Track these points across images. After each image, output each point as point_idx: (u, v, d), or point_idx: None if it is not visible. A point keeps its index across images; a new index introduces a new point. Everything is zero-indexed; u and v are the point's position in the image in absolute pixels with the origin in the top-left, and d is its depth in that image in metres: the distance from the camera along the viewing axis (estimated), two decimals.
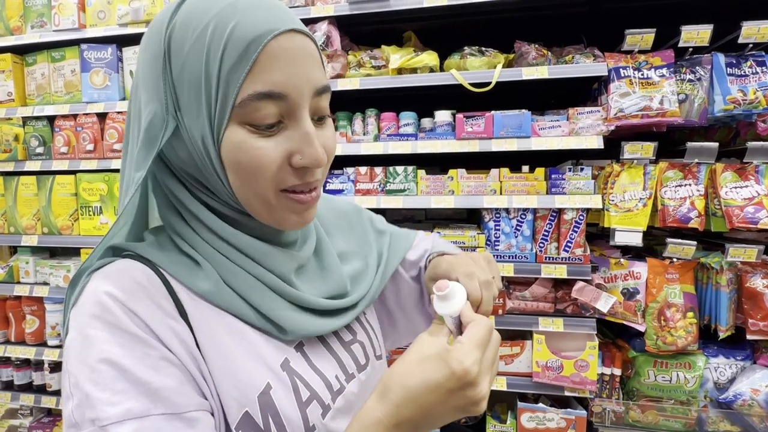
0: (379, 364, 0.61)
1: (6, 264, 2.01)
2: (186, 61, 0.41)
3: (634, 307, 1.49)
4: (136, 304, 0.41)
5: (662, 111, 1.41)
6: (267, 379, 0.45)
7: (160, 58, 0.42)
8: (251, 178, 0.43)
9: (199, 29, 0.40)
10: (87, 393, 0.37)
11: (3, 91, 1.90)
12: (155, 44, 0.43)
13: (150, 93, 0.43)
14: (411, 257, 0.73)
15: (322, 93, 0.45)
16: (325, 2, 1.63)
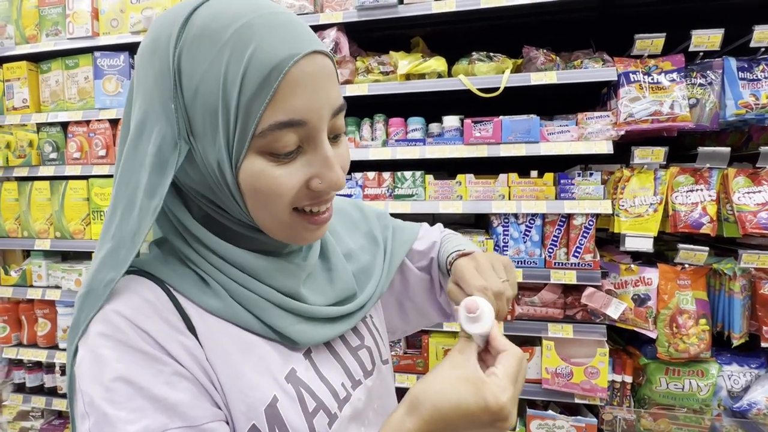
0: (385, 369, 0.61)
1: (19, 267, 2.05)
2: (200, 86, 0.39)
3: (645, 314, 1.47)
4: (145, 322, 0.41)
5: (673, 116, 1.40)
6: (273, 392, 0.45)
7: (168, 78, 0.40)
8: (269, 203, 0.43)
9: (214, 52, 0.38)
10: (104, 412, 0.38)
11: (18, 97, 1.93)
12: (162, 60, 0.40)
13: (157, 113, 0.41)
14: (418, 247, 0.73)
15: (340, 112, 0.45)
16: (333, 9, 1.64)
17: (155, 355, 0.40)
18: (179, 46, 0.39)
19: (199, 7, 0.40)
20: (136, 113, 0.43)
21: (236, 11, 0.39)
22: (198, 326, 0.44)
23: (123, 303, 0.41)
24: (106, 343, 0.39)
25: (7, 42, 1.95)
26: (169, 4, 1.70)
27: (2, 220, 1.99)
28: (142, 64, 0.42)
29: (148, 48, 0.42)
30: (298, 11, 1.63)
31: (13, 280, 2.01)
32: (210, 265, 0.46)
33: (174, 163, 0.40)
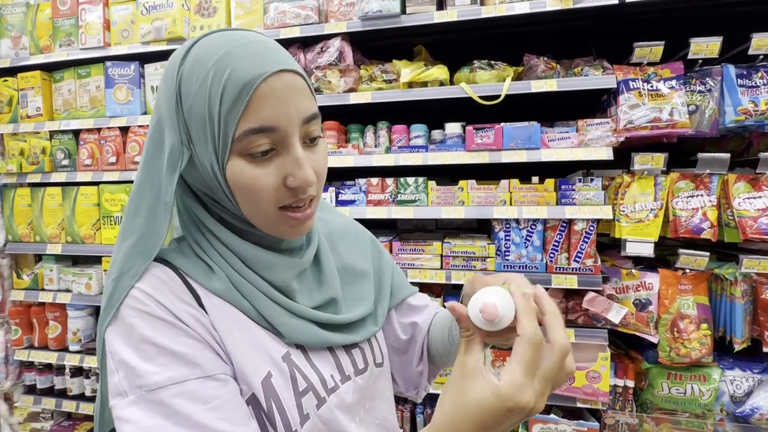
0: (378, 371, 0.64)
1: (31, 271, 2.10)
2: (193, 102, 0.48)
3: (646, 318, 1.48)
4: (162, 297, 0.49)
5: (672, 122, 1.42)
6: (268, 368, 0.52)
7: (173, 97, 0.49)
8: (253, 199, 0.50)
9: (202, 75, 0.47)
10: (133, 366, 0.45)
11: (32, 106, 1.99)
12: (170, 82, 0.50)
13: (169, 125, 0.51)
14: (413, 301, 0.75)
15: (312, 120, 0.51)
16: (338, 19, 1.68)
17: (172, 322, 0.48)
18: (180, 72, 0.49)
19: (197, 43, 0.50)
20: (155, 127, 0.52)
21: (220, 44, 0.48)
22: (205, 302, 0.52)
23: (145, 283, 0.50)
24: (132, 314, 0.48)
25: (22, 52, 2.01)
26: (178, 15, 1.75)
27: (16, 225, 2.05)
28: (160, 87, 0.53)
29: (164, 74, 0.52)
30: (303, 21, 1.67)
31: (25, 284, 2.06)
32: (217, 254, 0.55)
33: (179, 166, 0.50)
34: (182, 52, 0.50)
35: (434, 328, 0.72)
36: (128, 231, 0.52)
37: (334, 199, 1.70)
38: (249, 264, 0.55)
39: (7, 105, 2.03)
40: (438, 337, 0.70)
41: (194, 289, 0.53)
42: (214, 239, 0.55)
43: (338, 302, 0.62)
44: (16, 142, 2.03)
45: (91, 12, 1.88)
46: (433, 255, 1.61)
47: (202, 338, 0.49)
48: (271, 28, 1.70)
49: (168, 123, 0.50)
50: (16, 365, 2.11)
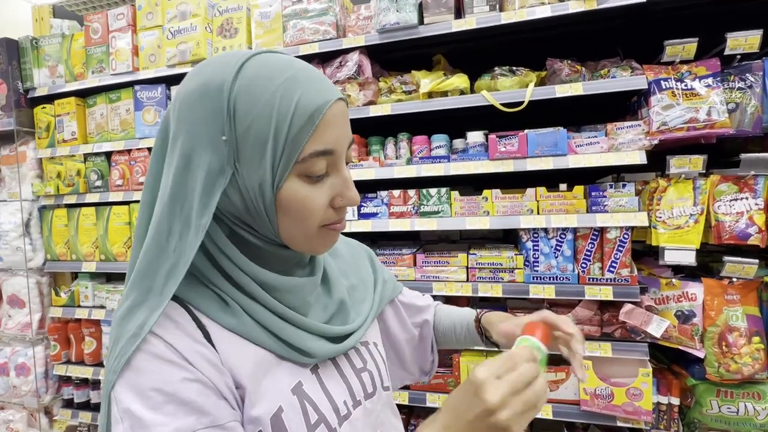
0: (386, 395, 0.65)
1: (68, 289, 2.18)
2: (253, 122, 0.47)
3: (690, 331, 1.39)
4: (172, 337, 0.47)
5: (710, 122, 1.34)
6: (279, 403, 0.50)
7: (221, 116, 0.47)
8: (301, 218, 0.51)
9: (267, 96, 0.47)
10: (140, 416, 0.43)
11: (68, 130, 2.09)
12: (215, 102, 0.47)
13: (204, 145, 0.47)
14: (417, 302, 0.85)
15: (352, 144, 0.55)
16: (356, 33, 1.69)
17: (182, 365, 0.46)
18: (233, 91, 0.47)
19: (248, 61, 0.49)
20: (182, 146, 0.48)
21: (280, 65, 0.49)
22: (215, 338, 0.50)
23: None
24: (141, 356, 0.45)
25: (58, 80, 2.12)
26: (201, 38, 1.80)
27: (54, 244, 2.14)
28: (187, 106, 0.49)
29: (197, 92, 0.48)
30: (322, 37, 1.69)
31: (63, 301, 2.14)
32: (231, 285, 0.52)
33: (221, 185, 0.48)
34: (233, 68, 0.47)
35: (439, 322, 0.86)
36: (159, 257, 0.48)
37: (356, 212, 1.69)
38: (268, 289, 0.53)
39: (45, 130, 2.13)
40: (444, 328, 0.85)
41: (203, 324, 0.50)
42: (231, 265, 0.51)
43: (347, 307, 0.63)
44: (53, 166, 2.13)
45: (120, 39, 1.97)
46: (459, 267, 1.57)
47: (211, 383, 0.47)
48: (291, 45, 1.73)
49: (204, 143, 0.47)
50: (55, 380, 2.19)
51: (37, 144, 2.16)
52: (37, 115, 2.14)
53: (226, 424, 0.46)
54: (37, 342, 2.16)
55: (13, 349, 2.17)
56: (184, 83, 0.50)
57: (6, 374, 2.17)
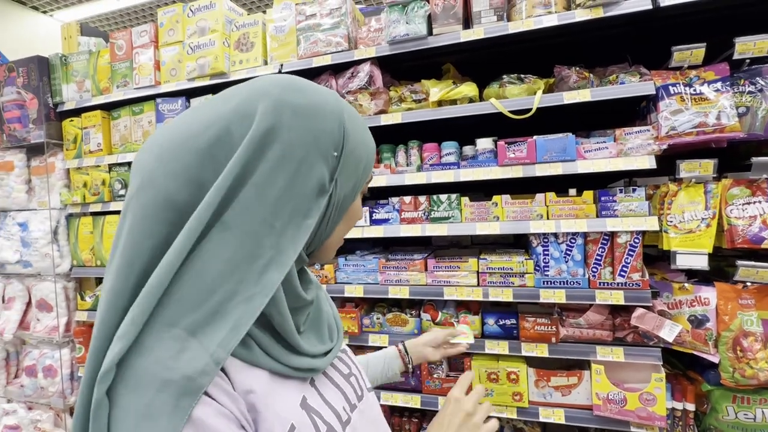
0: (370, 395, 0.68)
1: (93, 293, 2.27)
2: (355, 147, 0.57)
3: (704, 336, 1.38)
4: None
5: (720, 126, 1.34)
6: (291, 421, 0.49)
7: (336, 134, 0.54)
8: (351, 225, 0.63)
9: (361, 128, 0.59)
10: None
11: (94, 142, 2.19)
12: (331, 122, 0.54)
13: (316, 156, 0.52)
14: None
15: None
16: (367, 45, 1.74)
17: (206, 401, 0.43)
18: (345, 116, 0.56)
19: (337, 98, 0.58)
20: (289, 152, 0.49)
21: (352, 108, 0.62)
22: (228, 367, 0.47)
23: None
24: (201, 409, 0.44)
25: (85, 95, 2.23)
26: (219, 52, 1.88)
27: (80, 250, 2.24)
28: (301, 118, 0.51)
29: (311, 108, 0.52)
30: (335, 49, 1.75)
31: (88, 305, 2.23)
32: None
33: (328, 192, 0.54)
34: (335, 99, 0.56)
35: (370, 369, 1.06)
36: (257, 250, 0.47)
37: (368, 218, 1.73)
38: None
39: (73, 142, 2.24)
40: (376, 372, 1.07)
41: None
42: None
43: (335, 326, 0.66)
44: (80, 175, 2.24)
45: (143, 54, 2.06)
46: (469, 272, 1.60)
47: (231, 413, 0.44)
48: (304, 57, 1.79)
49: (318, 152, 0.52)
50: (79, 381, 2.28)
51: (65, 155, 2.27)
52: (65, 127, 2.25)
53: None
54: (64, 345, 2.25)
55: (41, 351, 2.27)
56: (285, 95, 0.50)
57: (34, 375, 2.26)
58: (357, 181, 0.59)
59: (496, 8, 1.54)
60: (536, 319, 1.52)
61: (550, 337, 1.50)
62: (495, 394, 1.56)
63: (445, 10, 1.59)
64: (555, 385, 1.53)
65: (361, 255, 1.82)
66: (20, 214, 2.29)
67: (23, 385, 2.29)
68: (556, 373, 1.53)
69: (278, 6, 1.88)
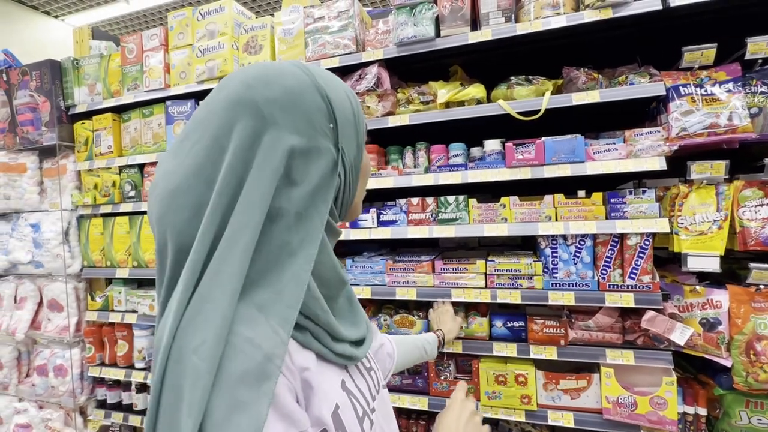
0: (384, 392, 0.73)
1: (103, 294, 2.30)
2: (344, 110, 0.58)
3: (716, 340, 1.36)
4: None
5: (732, 127, 1.33)
6: (336, 400, 0.54)
7: (324, 109, 0.55)
8: (367, 178, 0.66)
9: (340, 89, 0.59)
10: None
11: (104, 144, 2.22)
12: (315, 99, 0.54)
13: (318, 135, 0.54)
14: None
15: None
16: (374, 47, 1.75)
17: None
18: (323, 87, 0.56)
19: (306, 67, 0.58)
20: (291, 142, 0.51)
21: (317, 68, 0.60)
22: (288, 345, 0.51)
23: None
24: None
25: (96, 98, 2.26)
26: (228, 55, 1.90)
27: (90, 251, 2.26)
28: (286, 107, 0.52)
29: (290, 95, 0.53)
30: (343, 51, 1.76)
31: (98, 305, 2.25)
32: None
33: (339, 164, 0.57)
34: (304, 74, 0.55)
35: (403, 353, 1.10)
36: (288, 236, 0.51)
37: (376, 219, 1.73)
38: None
39: (84, 144, 2.27)
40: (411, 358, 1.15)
41: None
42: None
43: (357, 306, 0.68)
44: (91, 177, 2.27)
45: (153, 57, 2.09)
46: (477, 274, 1.59)
47: (292, 386, 0.49)
48: (312, 59, 1.80)
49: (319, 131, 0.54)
50: (89, 381, 2.30)
51: (77, 157, 2.30)
52: (76, 130, 2.29)
53: (307, 430, 0.48)
54: (74, 344, 2.27)
55: (52, 351, 2.30)
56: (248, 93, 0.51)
57: (45, 375, 2.29)
58: (358, 138, 0.61)
59: (504, 10, 1.54)
60: (545, 321, 1.51)
61: (558, 340, 1.49)
62: (503, 397, 1.55)
63: (453, 11, 1.59)
64: (564, 388, 1.52)
65: (368, 256, 1.83)
66: (32, 215, 2.32)
67: (34, 384, 2.32)
68: (565, 376, 1.52)
69: (286, 9, 1.89)
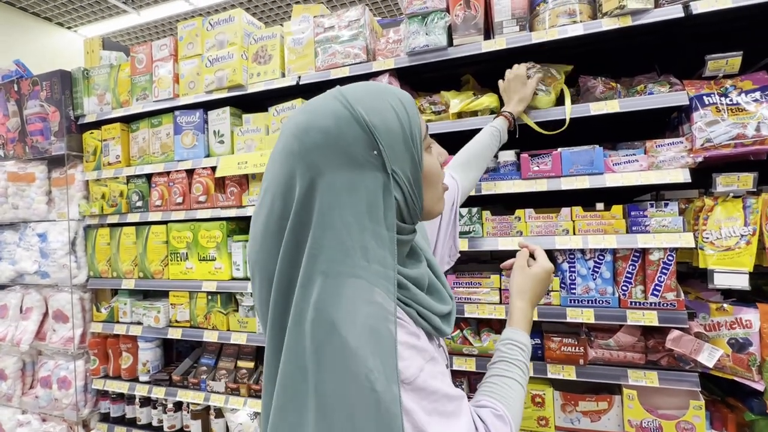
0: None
1: (108, 305, 2.27)
2: (389, 129, 0.58)
3: (746, 362, 1.29)
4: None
5: (760, 138, 1.27)
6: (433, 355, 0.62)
7: (365, 137, 0.57)
8: (437, 181, 0.67)
9: (383, 106, 0.59)
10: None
11: (113, 154, 2.21)
12: (353, 131, 0.56)
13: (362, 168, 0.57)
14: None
15: None
16: (385, 56, 1.72)
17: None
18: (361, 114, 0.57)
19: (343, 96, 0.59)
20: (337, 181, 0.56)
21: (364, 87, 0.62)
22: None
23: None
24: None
25: (105, 107, 2.25)
26: (237, 65, 1.89)
27: (96, 262, 2.24)
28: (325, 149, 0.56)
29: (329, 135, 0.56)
30: (353, 61, 1.73)
31: (103, 317, 2.22)
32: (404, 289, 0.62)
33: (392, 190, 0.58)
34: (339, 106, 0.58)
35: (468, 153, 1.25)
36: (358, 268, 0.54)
37: None
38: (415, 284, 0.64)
39: (92, 154, 2.27)
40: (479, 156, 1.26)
41: None
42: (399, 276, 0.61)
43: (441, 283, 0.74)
44: (98, 187, 2.26)
45: (162, 67, 2.08)
46: (491, 288, 1.54)
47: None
48: (322, 69, 1.78)
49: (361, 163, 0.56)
50: (93, 394, 2.26)
51: (85, 167, 2.29)
52: (85, 140, 2.28)
53: (434, 355, 0.60)
54: (78, 356, 2.24)
55: (56, 362, 2.27)
56: (296, 143, 0.57)
57: (49, 387, 2.26)
58: (412, 152, 0.60)
59: (518, 18, 1.50)
60: (562, 339, 1.45)
61: (577, 359, 1.43)
62: None
63: (466, 20, 1.56)
64: (583, 410, 1.45)
65: None
66: (40, 225, 2.31)
67: (38, 396, 2.29)
68: (584, 397, 1.45)
69: (296, 19, 1.88)
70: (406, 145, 0.60)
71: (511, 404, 0.67)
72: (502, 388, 0.69)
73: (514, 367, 0.73)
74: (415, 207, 0.63)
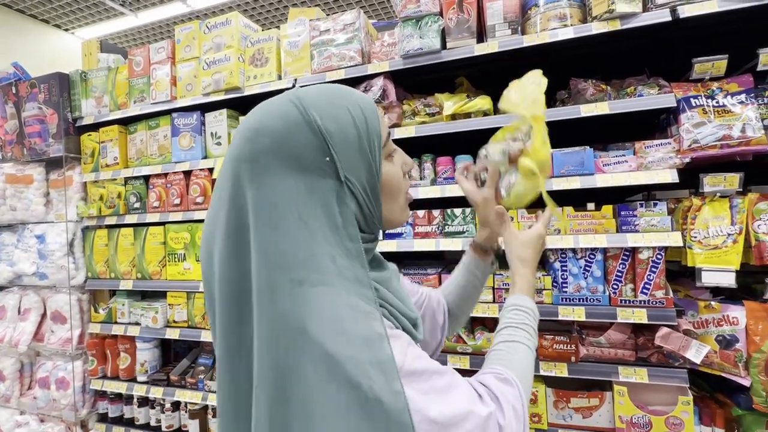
0: None
1: (106, 306, 2.28)
2: (344, 135, 0.55)
3: (733, 358, 1.32)
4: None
5: (745, 139, 1.30)
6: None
7: (317, 143, 0.54)
8: (397, 192, 0.64)
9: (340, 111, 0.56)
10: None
11: (110, 156, 2.23)
12: (304, 135, 0.54)
13: (314, 174, 0.54)
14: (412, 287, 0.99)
15: None
16: (380, 59, 1.75)
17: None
18: (315, 119, 0.54)
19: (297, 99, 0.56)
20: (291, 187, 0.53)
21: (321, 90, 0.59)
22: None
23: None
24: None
25: (103, 110, 2.27)
26: (234, 68, 1.91)
27: (95, 263, 2.26)
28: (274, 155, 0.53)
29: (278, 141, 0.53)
30: (348, 63, 1.76)
31: (101, 317, 2.24)
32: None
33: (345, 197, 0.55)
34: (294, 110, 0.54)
35: (450, 284, 1.04)
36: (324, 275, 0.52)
37: (381, 232, 1.71)
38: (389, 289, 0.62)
39: (90, 156, 2.28)
40: (458, 284, 1.04)
41: None
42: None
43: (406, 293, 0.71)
44: (96, 189, 2.27)
45: (160, 70, 2.10)
46: (484, 288, 1.56)
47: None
48: (318, 72, 1.80)
49: (314, 169, 0.53)
50: (91, 394, 2.28)
51: (83, 169, 2.31)
52: (83, 142, 2.30)
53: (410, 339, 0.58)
54: (77, 357, 2.25)
55: (54, 363, 2.28)
56: (247, 146, 0.54)
57: (47, 387, 2.27)
58: (368, 159, 0.57)
59: (510, 22, 1.53)
60: (554, 337, 1.47)
61: (569, 356, 1.45)
62: None
63: (459, 24, 1.59)
64: (575, 407, 1.48)
65: None
66: (38, 226, 2.32)
67: (36, 397, 2.30)
68: (576, 394, 1.48)
69: (292, 22, 1.90)
70: (362, 153, 0.57)
71: (517, 366, 0.65)
72: (507, 353, 0.67)
73: (520, 330, 0.70)
74: (373, 217, 0.60)
